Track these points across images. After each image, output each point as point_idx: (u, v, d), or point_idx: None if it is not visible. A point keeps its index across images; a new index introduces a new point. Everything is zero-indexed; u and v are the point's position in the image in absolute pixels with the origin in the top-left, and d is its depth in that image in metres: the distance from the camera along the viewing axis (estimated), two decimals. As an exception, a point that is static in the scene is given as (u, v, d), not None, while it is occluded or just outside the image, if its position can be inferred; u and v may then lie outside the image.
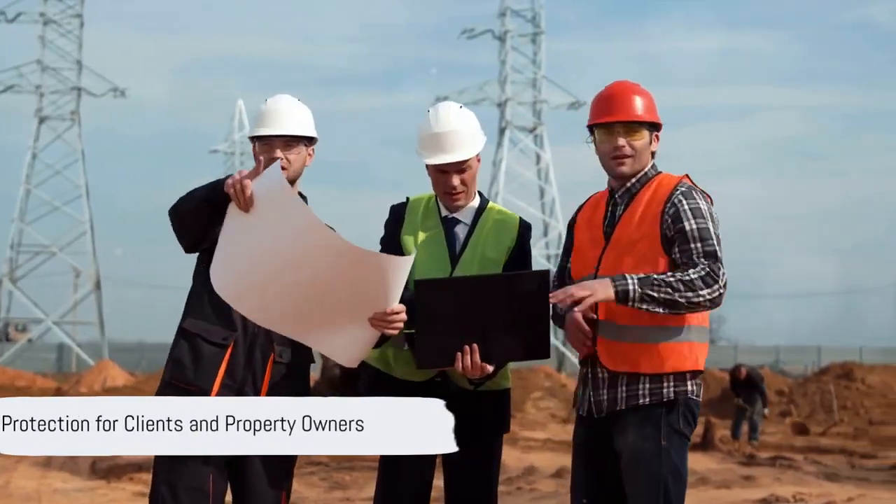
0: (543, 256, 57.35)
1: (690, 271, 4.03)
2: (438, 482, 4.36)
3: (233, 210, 3.93)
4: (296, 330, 4.07)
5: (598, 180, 4.42)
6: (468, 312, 4.00)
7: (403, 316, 3.98)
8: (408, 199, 4.52)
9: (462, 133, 4.34)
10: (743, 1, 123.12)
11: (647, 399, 4.13)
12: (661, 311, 4.01)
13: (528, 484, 12.12)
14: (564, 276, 4.39)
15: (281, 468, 4.19)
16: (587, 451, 4.30)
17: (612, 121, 4.22)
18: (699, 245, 4.09)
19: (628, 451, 4.14)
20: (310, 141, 4.29)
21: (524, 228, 4.47)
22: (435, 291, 4.02)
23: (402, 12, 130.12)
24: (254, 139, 4.25)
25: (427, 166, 4.39)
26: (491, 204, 4.48)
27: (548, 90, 68.84)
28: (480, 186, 4.48)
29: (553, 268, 4.53)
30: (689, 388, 4.20)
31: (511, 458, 14.02)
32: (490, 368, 4.07)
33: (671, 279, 4.01)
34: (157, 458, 4.11)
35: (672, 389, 4.15)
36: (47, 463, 13.91)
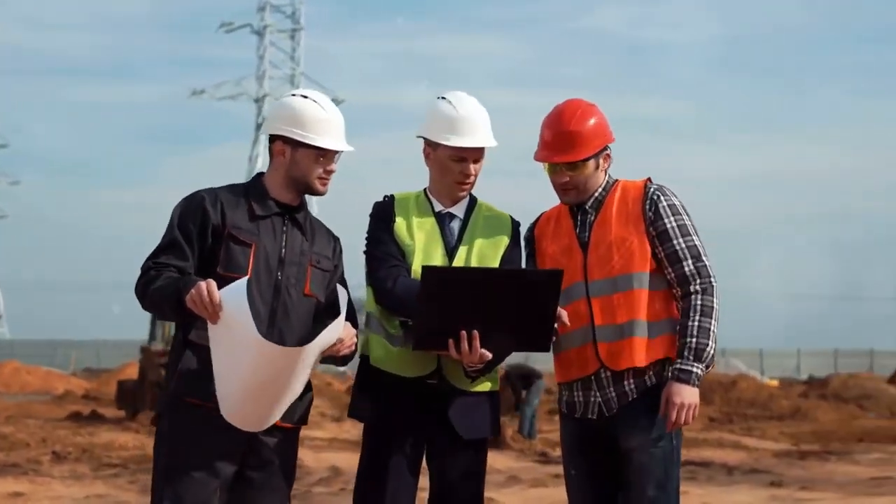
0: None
1: (693, 300, 4.27)
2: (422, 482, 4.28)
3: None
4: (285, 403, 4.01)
5: (368, 179, 4.54)
6: (473, 301, 3.98)
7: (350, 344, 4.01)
8: (392, 195, 4.45)
9: (483, 121, 4.37)
10: (481, 4, 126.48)
11: (654, 380, 4.28)
12: (714, 343, 4.26)
13: (347, 485, 11.90)
14: None
15: (284, 484, 4.14)
16: (582, 452, 4.43)
17: (551, 162, 4.35)
18: (681, 241, 4.31)
19: (642, 446, 4.25)
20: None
21: (517, 226, 4.51)
22: (441, 279, 4.00)
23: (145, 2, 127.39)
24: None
25: (433, 152, 4.37)
26: (480, 200, 4.48)
27: (306, 87, 68.76)
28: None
29: None
30: None
31: (308, 458, 13.75)
32: (489, 356, 4.05)
33: (695, 323, 4.23)
34: (160, 469, 3.98)
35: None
36: None
